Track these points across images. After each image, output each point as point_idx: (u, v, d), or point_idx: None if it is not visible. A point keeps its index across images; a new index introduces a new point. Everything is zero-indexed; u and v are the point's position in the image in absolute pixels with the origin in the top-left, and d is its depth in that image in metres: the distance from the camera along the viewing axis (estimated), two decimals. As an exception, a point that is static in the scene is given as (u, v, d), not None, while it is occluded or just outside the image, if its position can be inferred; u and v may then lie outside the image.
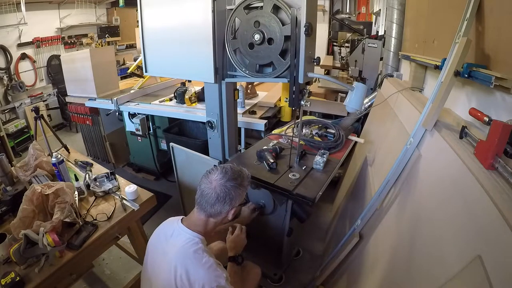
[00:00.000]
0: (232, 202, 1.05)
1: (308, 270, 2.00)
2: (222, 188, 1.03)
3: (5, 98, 4.14)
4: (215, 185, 1.03)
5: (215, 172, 1.07)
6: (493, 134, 0.82)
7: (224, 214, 1.07)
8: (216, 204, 1.03)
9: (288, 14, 1.26)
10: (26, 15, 4.08)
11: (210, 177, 1.06)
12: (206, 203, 1.04)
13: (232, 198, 1.05)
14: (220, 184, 1.03)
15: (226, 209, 1.05)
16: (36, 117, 2.23)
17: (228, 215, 1.08)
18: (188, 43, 1.59)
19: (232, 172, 1.07)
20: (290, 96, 1.40)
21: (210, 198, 1.03)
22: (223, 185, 1.03)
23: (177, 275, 0.95)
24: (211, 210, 1.04)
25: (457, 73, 1.06)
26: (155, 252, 1.09)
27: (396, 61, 2.54)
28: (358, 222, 1.44)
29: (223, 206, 1.04)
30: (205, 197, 1.04)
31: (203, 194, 1.04)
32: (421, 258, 0.95)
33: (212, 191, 1.03)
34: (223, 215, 1.07)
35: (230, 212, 1.07)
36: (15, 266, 1.15)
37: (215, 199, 1.03)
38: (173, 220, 1.13)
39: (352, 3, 5.52)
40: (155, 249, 1.10)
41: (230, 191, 1.04)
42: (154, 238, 1.13)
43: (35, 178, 1.65)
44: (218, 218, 1.07)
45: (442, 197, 0.96)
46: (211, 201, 1.03)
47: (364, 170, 1.87)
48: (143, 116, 2.77)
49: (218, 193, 1.02)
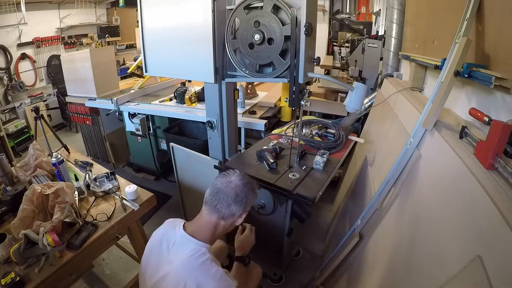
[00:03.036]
0: (246, 205, 1.04)
1: (308, 270, 2.00)
2: (242, 188, 1.02)
3: (5, 98, 4.14)
4: (235, 184, 1.02)
5: (234, 174, 1.07)
6: (493, 134, 0.82)
7: (237, 217, 1.04)
8: (233, 204, 1.01)
9: (288, 14, 1.26)
10: (26, 15, 4.08)
11: (229, 177, 1.05)
12: (222, 202, 1.00)
13: (248, 201, 1.04)
14: (240, 184, 1.03)
15: (239, 211, 1.03)
16: (36, 117, 2.23)
17: (238, 219, 1.06)
18: (188, 43, 1.59)
19: (248, 178, 1.09)
20: (290, 96, 1.40)
21: (229, 197, 1.00)
22: (243, 186, 1.03)
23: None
24: (225, 211, 1.01)
25: (457, 73, 1.06)
26: (158, 260, 1.03)
27: (396, 61, 2.54)
28: (358, 222, 1.44)
29: (238, 208, 1.02)
30: (221, 194, 1.01)
31: (220, 192, 1.01)
32: (421, 258, 0.95)
33: (231, 190, 1.01)
34: (235, 218, 1.05)
35: (242, 216, 1.06)
36: (15, 266, 1.15)
37: (234, 198, 1.00)
38: (175, 225, 1.07)
39: (352, 3, 5.52)
40: (158, 257, 1.04)
41: (248, 194, 1.03)
42: (155, 244, 1.07)
43: (35, 178, 1.65)
44: (229, 221, 1.04)
45: (442, 197, 0.96)
46: (228, 200, 1.00)
47: (364, 170, 1.87)
48: (143, 116, 2.77)
49: (238, 193, 1.01)
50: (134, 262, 1.92)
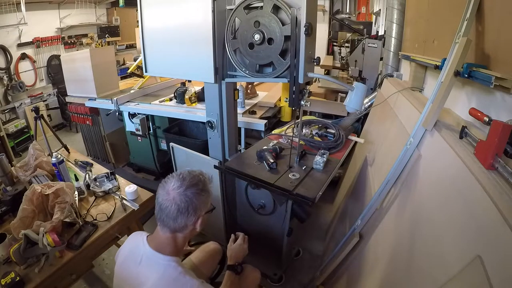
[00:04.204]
0: (196, 211, 0.94)
1: (308, 270, 2.00)
2: (182, 197, 0.91)
3: (5, 98, 4.14)
4: (173, 195, 0.91)
5: (171, 181, 0.94)
6: (493, 134, 0.82)
7: (191, 226, 0.96)
8: (179, 217, 0.92)
9: (288, 14, 1.26)
10: (26, 15, 4.08)
11: (166, 187, 0.94)
12: (167, 218, 0.92)
13: (196, 207, 0.93)
14: (178, 193, 0.92)
15: (191, 220, 0.94)
16: (36, 117, 2.23)
17: (195, 227, 0.97)
18: (188, 43, 1.59)
19: (191, 178, 0.95)
20: (290, 96, 1.39)
21: (171, 212, 0.91)
22: (183, 194, 0.91)
23: None
24: (174, 225, 0.93)
25: (457, 73, 1.06)
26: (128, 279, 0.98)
27: (396, 61, 2.54)
28: (358, 222, 1.44)
29: (188, 218, 0.93)
30: (164, 211, 0.92)
31: (162, 208, 0.93)
32: (421, 258, 0.95)
33: (171, 203, 0.91)
34: (190, 228, 0.96)
35: (197, 223, 0.96)
36: (15, 266, 1.15)
37: (176, 211, 0.91)
38: (139, 241, 1.01)
39: (352, 3, 5.52)
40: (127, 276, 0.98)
41: (192, 200, 0.92)
42: (122, 263, 1.02)
43: (35, 178, 1.65)
44: (185, 231, 0.97)
45: (442, 197, 0.96)
46: (172, 214, 0.91)
47: (364, 170, 1.87)
48: (143, 116, 2.77)
49: (179, 204, 0.91)
50: (134, 262, 1.92)
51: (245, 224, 1.91)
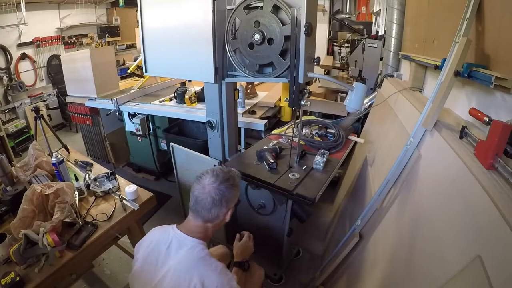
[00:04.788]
0: (228, 204, 1.06)
1: (308, 270, 2.00)
2: (216, 191, 1.02)
3: (5, 98, 4.14)
4: (209, 189, 1.03)
5: (206, 177, 1.06)
6: (493, 134, 0.82)
7: (222, 217, 1.07)
8: (213, 209, 1.03)
9: (288, 14, 1.26)
10: (26, 15, 4.08)
11: (202, 182, 1.05)
12: (202, 209, 1.03)
13: (228, 200, 1.05)
14: (213, 187, 1.03)
15: (223, 212, 1.06)
16: (36, 117, 2.23)
17: (225, 217, 1.08)
18: (188, 43, 1.59)
19: (223, 174, 1.07)
20: (290, 96, 1.39)
21: (206, 203, 1.02)
22: (217, 188, 1.03)
23: (191, 285, 0.92)
24: (208, 215, 1.04)
25: (457, 73, 1.06)
26: (154, 266, 1.00)
27: (396, 61, 2.54)
28: (358, 222, 1.44)
29: (220, 209, 1.04)
30: (200, 203, 1.03)
31: (198, 200, 1.03)
32: (421, 258, 0.95)
33: (207, 196, 1.02)
34: (221, 218, 1.07)
35: (227, 214, 1.08)
36: (15, 266, 1.15)
37: (211, 203, 1.02)
38: (167, 228, 1.08)
39: (352, 3, 5.52)
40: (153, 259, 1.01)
41: (225, 193, 1.03)
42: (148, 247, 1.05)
43: (35, 178, 1.65)
44: (216, 221, 1.07)
45: (442, 197, 0.96)
46: (207, 206, 1.02)
47: (364, 170, 1.87)
48: (143, 116, 2.77)
49: (214, 197, 1.02)
50: (134, 262, 1.92)
51: (245, 224, 1.91)
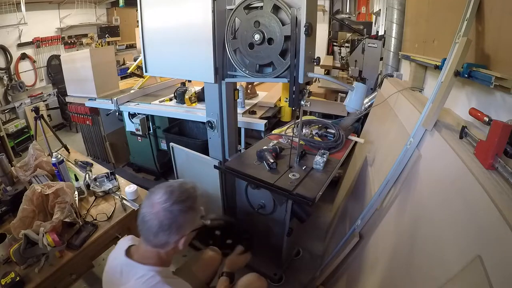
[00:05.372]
0: (180, 230, 0.86)
1: (308, 270, 2.00)
2: (166, 213, 0.83)
3: (5, 98, 4.14)
4: (158, 209, 0.84)
5: (158, 193, 0.87)
6: (493, 134, 0.82)
7: (172, 244, 0.87)
8: (160, 234, 0.84)
9: (288, 14, 1.26)
10: (26, 15, 4.08)
11: (152, 198, 0.86)
12: (148, 232, 0.85)
13: (180, 226, 0.86)
14: (163, 208, 0.83)
15: (173, 239, 0.86)
16: (36, 117, 2.24)
17: (178, 245, 0.89)
18: (188, 43, 1.59)
19: (180, 192, 0.87)
20: (290, 96, 1.39)
21: (152, 226, 0.84)
22: (168, 209, 0.83)
23: None
24: (155, 241, 0.86)
25: (457, 73, 1.06)
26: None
27: (396, 61, 2.54)
28: (358, 222, 1.44)
29: (169, 236, 0.85)
30: (145, 224, 0.85)
31: (144, 220, 0.85)
32: (421, 258, 0.95)
33: (154, 217, 0.83)
34: (171, 245, 0.88)
35: (180, 242, 0.88)
36: (15, 266, 1.15)
37: (158, 227, 0.83)
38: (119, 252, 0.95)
39: (352, 3, 5.53)
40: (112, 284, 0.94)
41: (177, 218, 0.84)
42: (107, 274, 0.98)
43: (35, 178, 1.65)
44: (167, 248, 0.88)
45: (442, 197, 0.96)
46: (153, 229, 0.84)
47: (364, 170, 1.87)
48: (143, 116, 2.77)
49: (162, 220, 0.83)
50: (134, 262, 1.92)
51: (245, 224, 1.91)
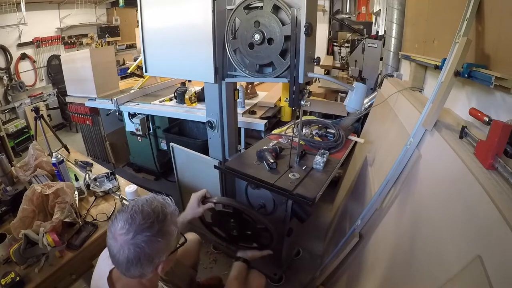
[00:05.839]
0: (152, 261, 0.74)
1: (308, 270, 2.00)
2: (130, 247, 0.71)
3: (5, 98, 4.14)
4: (121, 242, 0.72)
5: (119, 221, 0.74)
6: (493, 134, 0.82)
7: (150, 274, 0.77)
8: (132, 268, 0.73)
9: (288, 14, 1.26)
10: (26, 15, 4.09)
11: (113, 229, 0.74)
12: (119, 267, 0.75)
13: (151, 256, 0.74)
14: (126, 241, 0.71)
15: (148, 270, 0.75)
16: (36, 117, 2.24)
17: (156, 273, 0.79)
18: (188, 43, 1.59)
19: (144, 217, 0.74)
20: (290, 96, 1.39)
21: (120, 261, 0.73)
22: (131, 243, 0.71)
23: None
24: (129, 274, 0.76)
25: (457, 73, 1.06)
26: None
27: (396, 61, 2.54)
28: (358, 222, 1.44)
29: (142, 269, 0.74)
30: (114, 257, 0.74)
31: (112, 254, 0.74)
32: (421, 258, 0.95)
33: (119, 252, 0.72)
34: (149, 275, 0.78)
35: (157, 270, 0.78)
36: (15, 266, 1.15)
37: (126, 262, 0.72)
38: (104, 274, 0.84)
39: (352, 3, 5.53)
40: None
41: (144, 249, 0.72)
42: None
43: (35, 178, 1.65)
44: (147, 277, 0.79)
45: (442, 197, 0.96)
46: (122, 265, 0.73)
47: (364, 170, 1.87)
48: (143, 116, 2.77)
49: (127, 256, 0.72)
50: (134, 262, 1.92)
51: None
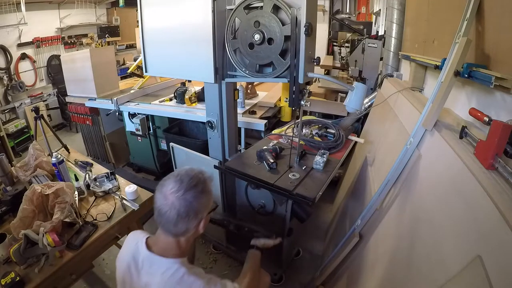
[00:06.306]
0: (198, 214, 0.88)
1: (308, 270, 2.00)
2: (181, 202, 0.85)
3: (5, 98, 4.14)
4: (172, 200, 0.85)
5: (168, 184, 0.88)
6: (493, 134, 0.82)
7: (193, 229, 0.91)
8: (180, 223, 0.86)
9: (288, 14, 1.26)
10: (26, 15, 4.09)
11: (163, 190, 0.87)
12: (167, 223, 0.87)
13: (197, 211, 0.88)
14: (177, 198, 0.85)
15: (193, 224, 0.89)
16: (36, 117, 2.24)
17: (198, 229, 0.92)
18: (188, 43, 1.59)
19: (189, 179, 0.88)
20: (290, 96, 1.39)
21: (170, 217, 0.85)
22: (181, 198, 0.85)
23: None
24: (175, 230, 0.88)
25: (457, 73, 1.06)
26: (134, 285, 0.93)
27: (396, 61, 2.54)
28: (358, 222, 1.44)
29: (189, 222, 0.87)
30: (163, 216, 0.86)
31: (161, 213, 0.87)
32: (421, 258, 0.95)
33: (170, 208, 0.85)
34: (192, 231, 0.91)
35: (199, 226, 0.91)
36: (15, 266, 1.15)
37: (176, 216, 0.85)
38: (138, 245, 0.95)
39: (352, 3, 5.53)
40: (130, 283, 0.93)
41: (192, 204, 0.86)
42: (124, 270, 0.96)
43: (35, 178, 1.65)
44: (187, 235, 0.91)
45: (442, 197, 0.96)
46: (172, 220, 0.86)
47: (364, 170, 1.87)
48: (143, 116, 2.77)
49: (178, 209, 0.85)
50: (134, 262, 1.92)
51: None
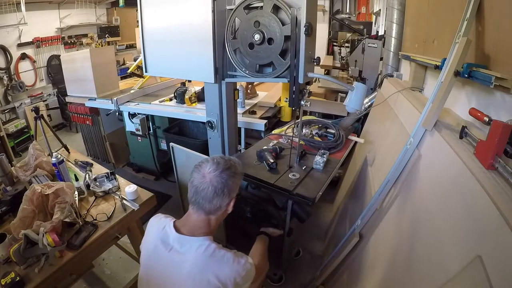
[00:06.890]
0: (230, 193, 1.00)
1: (308, 270, 2.00)
2: (218, 179, 0.96)
3: (5, 98, 4.14)
4: (210, 178, 0.96)
5: (206, 165, 1.00)
6: (493, 134, 0.82)
7: (224, 207, 1.01)
8: (215, 199, 0.97)
9: (288, 14, 1.26)
10: (26, 15, 4.08)
11: (202, 170, 0.99)
12: (203, 200, 0.97)
13: (231, 189, 0.99)
14: (215, 176, 0.96)
15: (225, 201, 1.00)
16: (36, 117, 2.23)
17: (228, 208, 1.03)
18: (188, 43, 1.59)
19: (224, 162, 1.01)
20: (290, 96, 1.39)
21: (208, 193, 0.96)
22: (219, 176, 0.97)
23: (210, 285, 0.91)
24: (210, 207, 0.98)
25: (457, 73, 1.06)
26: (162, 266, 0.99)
27: (396, 61, 2.54)
28: (358, 222, 1.44)
29: (223, 199, 0.98)
30: (201, 193, 0.97)
31: (198, 190, 0.97)
32: (421, 258, 0.95)
33: (208, 185, 0.96)
34: (223, 209, 1.01)
35: (229, 205, 1.02)
36: (15, 266, 1.15)
37: (213, 193, 0.96)
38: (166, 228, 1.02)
39: (352, 3, 5.52)
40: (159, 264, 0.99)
41: (228, 182, 0.97)
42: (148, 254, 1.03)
43: (35, 178, 1.65)
44: (218, 213, 1.01)
45: (442, 197, 0.96)
46: (209, 196, 0.96)
47: (364, 170, 1.87)
48: (143, 116, 2.78)
49: (215, 186, 0.96)
50: (134, 262, 1.92)
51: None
